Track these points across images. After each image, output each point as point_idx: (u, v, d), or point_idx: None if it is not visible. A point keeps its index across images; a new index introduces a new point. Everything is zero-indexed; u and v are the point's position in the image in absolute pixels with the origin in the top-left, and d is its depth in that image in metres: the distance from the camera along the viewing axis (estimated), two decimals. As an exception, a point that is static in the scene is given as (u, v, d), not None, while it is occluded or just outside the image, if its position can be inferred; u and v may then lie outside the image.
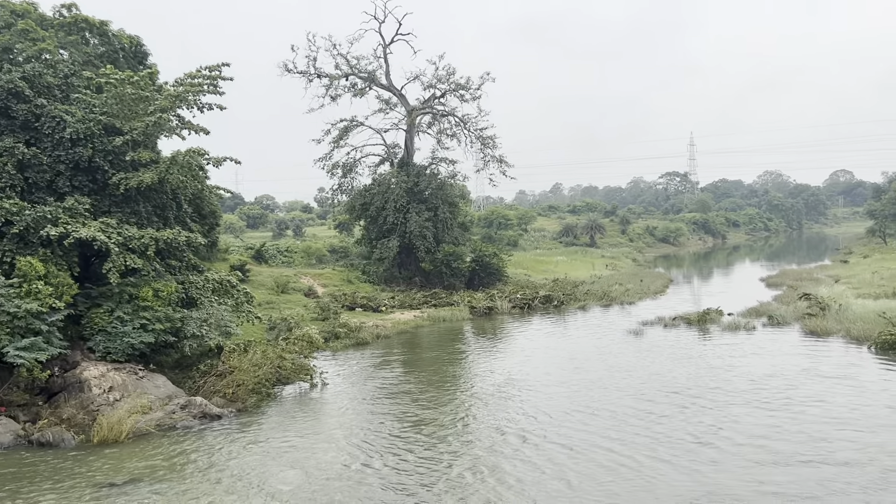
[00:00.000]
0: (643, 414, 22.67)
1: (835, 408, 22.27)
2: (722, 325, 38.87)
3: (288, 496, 17.19)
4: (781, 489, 15.96)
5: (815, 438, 19.36)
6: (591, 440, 20.24)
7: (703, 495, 15.89)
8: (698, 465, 17.85)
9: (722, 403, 23.44)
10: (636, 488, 16.50)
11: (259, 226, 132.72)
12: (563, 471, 17.87)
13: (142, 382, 25.85)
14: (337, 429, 22.95)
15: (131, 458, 20.46)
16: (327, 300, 46.48)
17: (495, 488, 16.89)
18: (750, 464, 17.68)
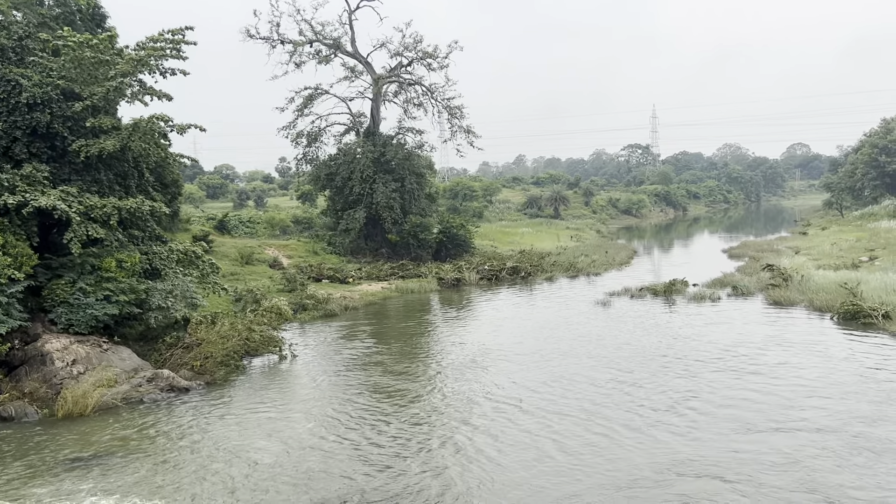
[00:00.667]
0: (615, 383, 22.82)
1: (803, 376, 22.67)
2: (687, 295, 39.31)
3: (269, 466, 16.94)
4: (758, 456, 16.18)
5: (786, 406, 19.68)
6: (566, 409, 20.29)
7: (680, 462, 16.03)
8: (674, 432, 18.02)
9: (693, 371, 23.71)
10: (614, 457, 16.58)
11: (219, 196, 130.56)
12: (537, 440, 17.88)
13: (106, 355, 25.23)
14: (310, 400, 22.71)
15: (99, 431, 19.98)
16: (293, 272, 45.89)
17: (471, 458, 16.84)
18: (725, 431, 17.90)
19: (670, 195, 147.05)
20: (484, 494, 14.85)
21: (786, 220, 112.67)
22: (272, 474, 16.46)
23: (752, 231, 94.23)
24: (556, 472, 15.87)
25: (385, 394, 23.02)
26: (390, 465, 16.70)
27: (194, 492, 15.55)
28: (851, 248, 53.46)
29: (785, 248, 59.56)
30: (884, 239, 55.79)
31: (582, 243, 72.87)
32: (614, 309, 36.58)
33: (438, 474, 15.99)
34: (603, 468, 15.92)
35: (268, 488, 15.67)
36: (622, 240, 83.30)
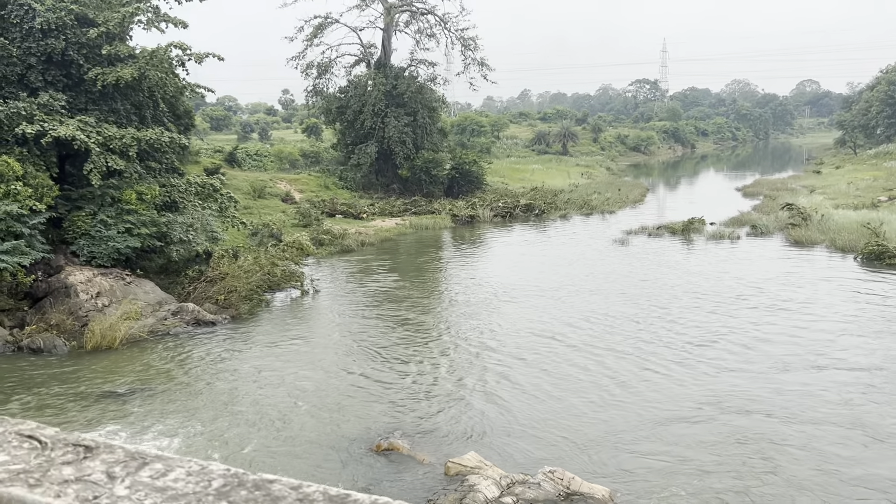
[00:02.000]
0: (655, 319, 22.68)
1: (833, 314, 22.55)
2: (706, 234, 39.01)
3: (313, 392, 16.94)
4: (804, 394, 16.10)
5: (821, 343, 19.58)
6: (616, 346, 20.14)
7: (722, 397, 15.97)
8: (709, 369, 17.95)
9: (725, 309, 23.58)
10: (669, 392, 16.51)
11: (223, 128, 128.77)
12: (594, 376, 17.81)
13: (130, 288, 25.10)
14: (335, 335, 22.66)
15: (129, 363, 19.96)
16: (307, 206, 45.51)
17: (530, 394, 16.78)
18: (764, 369, 17.81)
19: (679, 132, 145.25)
20: (551, 429, 14.82)
21: (793, 159, 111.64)
22: (304, 406, 16.44)
23: (761, 169, 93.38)
24: (616, 406, 15.82)
25: (414, 328, 22.94)
26: (439, 398, 16.67)
27: (230, 420, 15.55)
28: (868, 188, 52.92)
29: (799, 187, 59.02)
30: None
31: (593, 181, 72.23)
32: (633, 247, 36.33)
33: (502, 408, 15.94)
34: (659, 403, 15.84)
35: (301, 419, 15.66)
36: (632, 177, 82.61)
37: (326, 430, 15.15)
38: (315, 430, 15.17)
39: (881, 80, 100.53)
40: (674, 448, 13.82)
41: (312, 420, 15.68)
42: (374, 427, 15.19)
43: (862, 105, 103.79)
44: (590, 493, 12.06)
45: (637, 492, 12.32)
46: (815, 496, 12.00)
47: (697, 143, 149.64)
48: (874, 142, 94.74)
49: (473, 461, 13.20)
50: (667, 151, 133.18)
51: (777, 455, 13.45)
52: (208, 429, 15.31)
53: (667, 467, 13.12)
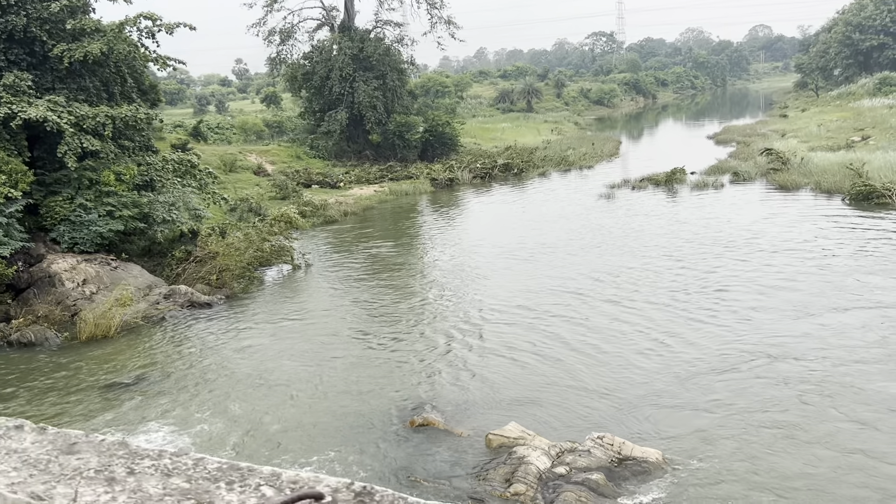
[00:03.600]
0: (651, 272, 22.44)
1: (839, 255, 22.51)
2: (689, 184, 38.91)
3: (330, 370, 16.34)
4: (835, 333, 15.97)
5: (836, 284, 19.50)
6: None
7: (750, 345, 15.78)
8: (731, 318, 17.73)
9: (729, 255, 23.45)
10: (679, 345, 16.28)
11: (177, 102, 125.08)
12: (595, 334, 17.50)
13: (117, 273, 24.11)
14: (334, 309, 22.02)
15: (128, 352, 19.15)
16: (282, 178, 44.39)
17: (575, 348, 16.41)
18: (786, 312, 17.64)
19: (639, 83, 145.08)
20: (585, 393, 14.48)
21: (752, 104, 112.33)
22: (324, 384, 15.89)
23: (722, 116, 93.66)
24: (647, 363, 15.53)
25: (416, 296, 22.41)
26: (460, 368, 16.22)
27: (250, 403, 14.94)
28: (839, 129, 53.31)
29: (769, 132, 59.25)
30: (870, 118, 55.69)
31: (564, 137, 71.75)
32: (620, 201, 36.08)
33: (527, 374, 15.54)
34: (689, 357, 15.58)
35: (324, 398, 15.12)
36: (600, 131, 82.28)
37: (354, 408, 14.63)
38: (342, 408, 14.63)
39: (838, 21, 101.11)
40: (714, 401, 13.59)
41: (337, 398, 15.15)
42: (402, 402, 14.71)
43: (820, 47, 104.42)
44: (642, 457, 11.77)
45: (687, 451, 12.07)
46: (867, 435, 11.86)
47: (658, 94, 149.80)
48: (833, 83, 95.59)
49: (515, 432, 12.82)
50: (629, 103, 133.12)
51: (819, 398, 13.32)
52: (230, 412, 14.69)
53: (711, 422, 12.88)
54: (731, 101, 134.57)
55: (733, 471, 11.40)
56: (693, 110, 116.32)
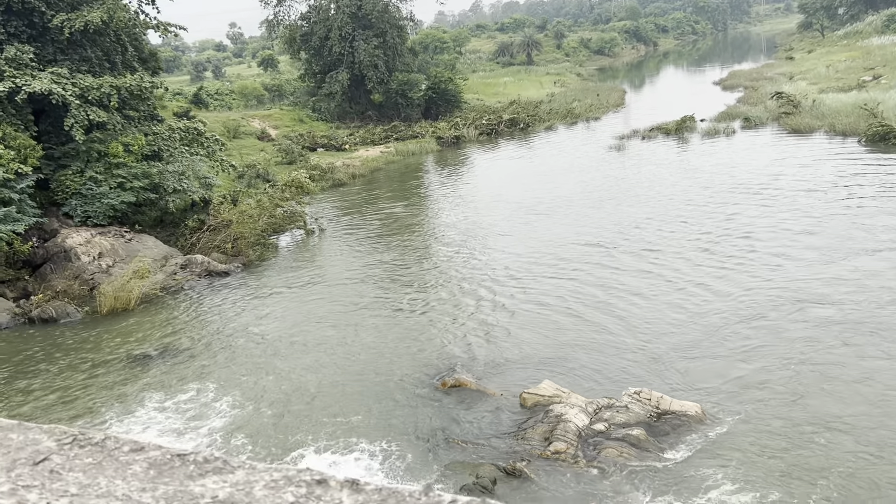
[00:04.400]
0: (675, 224, 22.21)
1: (863, 197, 22.21)
2: (700, 131, 38.44)
3: (354, 334, 16.28)
4: (869, 275, 15.81)
5: (864, 226, 19.29)
6: (636, 256, 19.69)
7: (781, 292, 15.64)
8: (760, 265, 17.55)
9: (751, 202, 23.19)
10: (706, 294, 16.14)
11: (173, 69, 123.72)
12: (622, 288, 17.36)
13: (132, 245, 24.00)
14: (354, 272, 21.84)
15: (152, 324, 19.10)
16: (288, 142, 43.94)
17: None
18: (812, 258, 17.46)
19: (639, 31, 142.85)
20: (615, 349, 14.40)
21: (754, 48, 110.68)
22: (350, 348, 15.83)
23: (724, 60, 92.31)
24: (677, 316, 15.43)
25: (434, 257, 22.25)
26: (486, 328, 16.14)
27: (281, 370, 14.90)
28: (848, 69, 52.46)
29: (777, 75, 58.38)
30: (879, 56, 54.76)
31: (567, 89, 70.85)
32: (631, 152, 35.67)
33: (555, 332, 15.46)
34: (718, 307, 15.46)
35: (353, 362, 15.07)
36: (604, 82, 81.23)
37: (384, 370, 14.58)
38: (373, 371, 14.59)
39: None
40: (749, 350, 13.50)
41: (367, 361, 15.09)
42: (432, 363, 14.65)
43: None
44: (682, 411, 11.71)
45: (725, 402, 12.01)
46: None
47: (659, 41, 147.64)
48: (838, 23, 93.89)
49: (550, 390, 12.77)
50: (630, 52, 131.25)
51: (857, 339, 13.24)
52: (262, 376, 14.66)
53: (748, 371, 12.80)
54: (734, 45, 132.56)
55: (774, 419, 11.35)
56: (695, 56, 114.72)
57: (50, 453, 1.51)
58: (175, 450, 1.50)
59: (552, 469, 10.76)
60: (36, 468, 1.47)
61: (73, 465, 1.48)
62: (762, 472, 10.12)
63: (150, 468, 1.43)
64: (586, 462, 10.87)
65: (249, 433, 12.63)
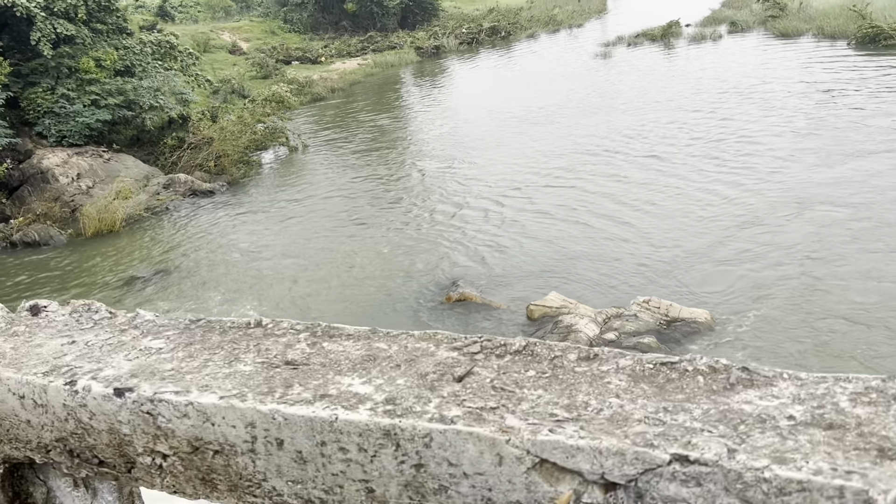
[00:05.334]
0: (671, 130, 21.83)
1: (858, 98, 21.93)
2: (686, 37, 37.67)
3: (350, 251, 16.00)
4: (872, 175, 15.75)
5: (862, 129, 19.09)
6: (635, 164, 19.35)
7: (781, 195, 15.53)
8: (760, 168, 17.37)
9: (747, 105, 22.89)
10: (708, 199, 15.99)
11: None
12: (621, 199, 17.13)
13: (111, 165, 23.24)
14: (344, 189, 21.37)
15: (142, 244, 18.68)
16: (261, 56, 42.47)
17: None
18: (814, 160, 17.31)
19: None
20: (619, 261, 14.27)
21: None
22: (349, 265, 15.57)
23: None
24: (681, 224, 15.27)
25: (424, 171, 21.78)
26: (486, 242, 15.91)
27: (279, 289, 14.65)
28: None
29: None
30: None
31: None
32: (618, 59, 34.92)
33: (554, 244, 15.25)
34: (720, 213, 15.30)
35: (353, 279, 14.85)
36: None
37: (386, 287, 14.38)
38: (375, 287, 14.39)
39: None
40: (755, 253, 13.45)
41: (367, 279, 14.87)
42: (434, 279, 14.46)
43: None
44: (691, 318, 11.68)
45: (734, 307, 11.99)
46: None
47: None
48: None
49: (557, 301, 12.67)
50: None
51: (864, 235, 13.23)
52: (263, 294, 14.42)
53: (755, 274, 12.77)
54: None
55: (785, 315, 11.39)
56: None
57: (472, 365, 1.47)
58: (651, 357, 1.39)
59: (565, 379, 10.72)
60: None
61: (523, 380, 1.39)
62: (777, 366, 10.20)
63: (635, 380, 1.34)
64: (599, 371, 10.85)
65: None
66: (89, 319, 1.96)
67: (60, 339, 1.84)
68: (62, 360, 1.71)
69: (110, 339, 1.82)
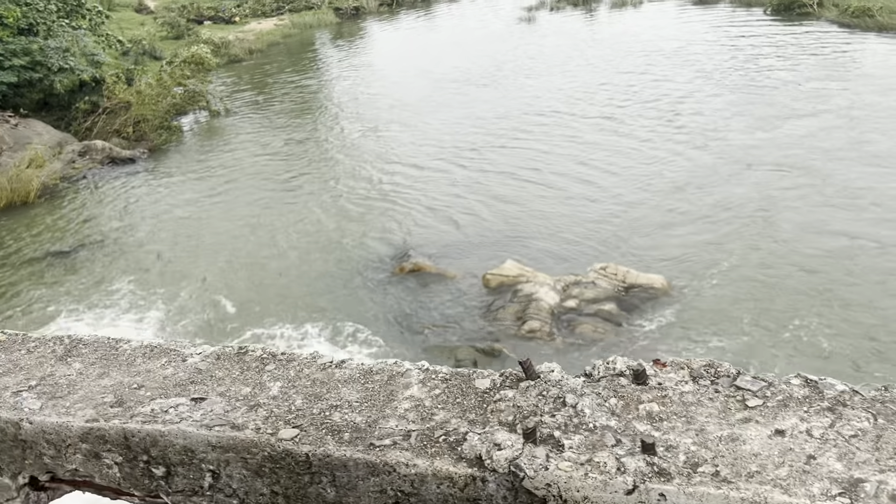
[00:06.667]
0: (608, 91, 21.95)
1: (782, 67, 22.61)
2: (608, 2, 37.94)
3: (285, 223, 15.46)
4: (806, 136, 16.29)
5: (791, 91, 19.72)
6: (581, 128, 19.41)
7: (726, 158, 15.88)
8: (700, 132, 17.72)
9: (674, 70, 23.26)
10: (650, 166, 16.20)
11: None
12: (572, 164, 17.16)
13: (19, 131, 21.66)
14: (272, 155, 20.61)
15: (60, 216, 17.52)
16: (172, 15, 40.42)
17: (491, 194, 16.01)
18: (751, 124, 17.75)
19: None
20: (570, 229, 14.25)
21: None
22: (287, 238, 15.05)
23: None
24: (630, 190, 15.39)
25: (355, 136, 21.24)
26: (431, 210, 15.64)
27: (216, 266, 14.02)
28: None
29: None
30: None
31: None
32: (542, 23, 34.91)
33: (503, 212, 15.12)
34: (664, 177, 15.52)
35: (292, 252, 14.37)
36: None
37: (333, 258, 13.96)
38: (320, 259, 13.95)
39: None
40: (704, 216, 13.73)
41: (309, 250, 14.40)
42: (383, 250, 14.13)
43: None
44: (648, 284, 11.83)
45: (688, 273, 12.21)
46: (852, 216, 12.34)
47: None
48: None
49: (514, 269, 12.60)
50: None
51: (802, 190, 13.70)
52: (195, 269, 13.75)
53: (707, 237, 13.04)
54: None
55: (739, 275, 11.73)
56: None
57: None
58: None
59: (529, 348, 10.71)
60: None
61: None
62: (735, 326, 10.53)
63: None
64: (562, 339, 10.89)
65: (199, 323, 11.94)
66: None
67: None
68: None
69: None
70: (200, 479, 1.39)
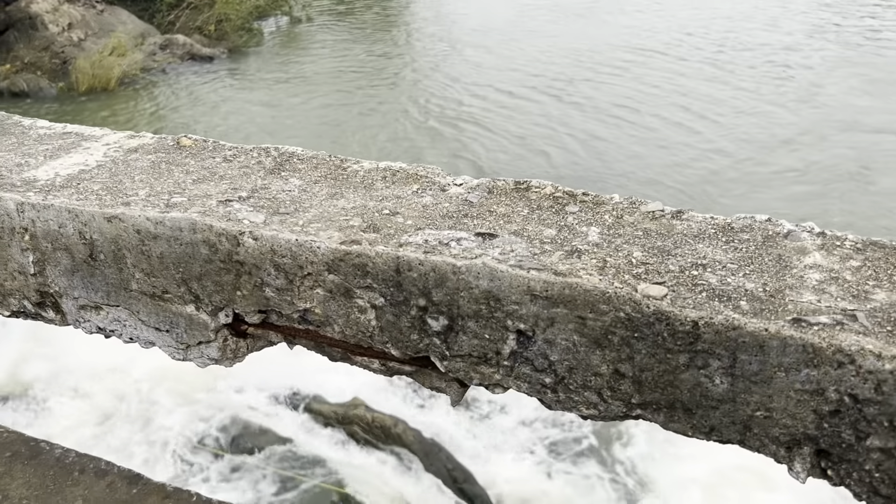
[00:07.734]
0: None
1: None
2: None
3: (375, 125, 15.02)
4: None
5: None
6: (689, 56, 18.41)
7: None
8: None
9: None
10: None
11: None
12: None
13: (104, 18, 21.53)
14: (360, 66, 20.06)
15: (141, 106, 17.51)
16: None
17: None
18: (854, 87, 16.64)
19: None
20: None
21: None
22: (376, 138, 14.66)
23: None
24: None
25: (453, 55, 20.44)
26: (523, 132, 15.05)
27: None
28: None
29: None
30: None
31: None
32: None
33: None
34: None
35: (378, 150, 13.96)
36: None
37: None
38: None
39: None
40: (802, 177, 12.88)
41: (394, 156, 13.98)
42: (465, 175, 13.62)
43: None
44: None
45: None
46: None
47: None
48: None
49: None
50: None
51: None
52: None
53: (800, 200, 12.24)
54: None
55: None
56: None
57: None
58: None
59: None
60: None
61: None
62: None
63: None
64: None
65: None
66: None
67: None
68: None
69: None
70: (500, 342, 0.98)
